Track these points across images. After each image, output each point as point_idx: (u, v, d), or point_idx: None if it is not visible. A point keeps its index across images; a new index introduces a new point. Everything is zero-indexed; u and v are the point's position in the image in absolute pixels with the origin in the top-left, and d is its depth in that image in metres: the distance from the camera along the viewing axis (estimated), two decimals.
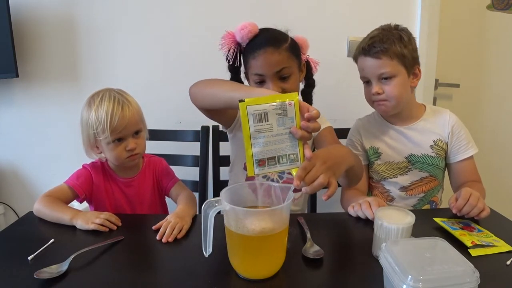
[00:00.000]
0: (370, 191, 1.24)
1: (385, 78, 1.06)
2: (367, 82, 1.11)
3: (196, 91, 0.98)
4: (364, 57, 1.08)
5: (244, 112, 0.69)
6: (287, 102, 0.70)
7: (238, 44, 1.05)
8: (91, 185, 1.06)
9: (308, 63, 1.15)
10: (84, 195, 1.04)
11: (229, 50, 1.04)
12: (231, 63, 1.06)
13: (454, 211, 0.91)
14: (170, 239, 0.83)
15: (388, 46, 1.04)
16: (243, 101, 0.70)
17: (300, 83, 1.16)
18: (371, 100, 1.13)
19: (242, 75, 1.14)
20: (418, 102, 1.19)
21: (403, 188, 1.17)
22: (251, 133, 0.70)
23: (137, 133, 1.03)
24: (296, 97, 0.71)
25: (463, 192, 0.91)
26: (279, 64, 1.00)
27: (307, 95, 1.17)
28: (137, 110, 1.04)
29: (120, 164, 1.05)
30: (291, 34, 1.08)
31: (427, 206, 1.18)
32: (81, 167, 1.08)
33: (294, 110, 0.71)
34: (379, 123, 1.21)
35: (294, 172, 0.71)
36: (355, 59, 1.14)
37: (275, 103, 0.70)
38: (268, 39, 1.01)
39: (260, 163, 0.71)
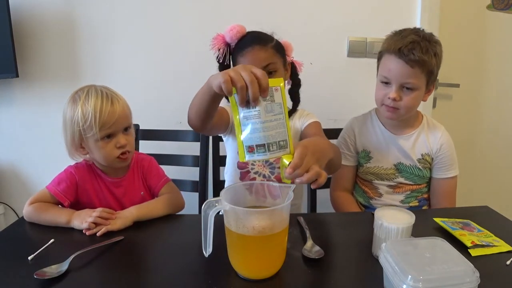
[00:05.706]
0: (359, 187, 1.25)
1: (407, 88, 1.04)
2: (386, 83, 1.07)
3: (190, 113, 0.95)
4: (396, 59, 1.02)
5: (233, 101, 0.70)
6: (273, 88, 0.70)
7: (227, 45, 1.11)
8: (75, 189, 0.98)
9: (293, 64, 1.20)
10: (68, 202, 0.96)
11: (219, 50, 1.10)
12: (221, 61, 1.12)
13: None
14: (87, 233, 0.86)
15: (426, 58, 0.99)
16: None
17: (287, 83, 1.20)
18: (381, 101, 1.09)
19: None
20: (418, 111, 1.17)
21: (391, 186, 1.18)
22: (240, 120, 0.70)
23: (126, 129, 0.96)
24: (281, 82, 0.72)
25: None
26: (266, 59, 1.05)
27: (294, 94, 1.21)
28: (126, 104, 0.98)
29: (109, 165, 0.98)
30: (277, 37, 1.13)
31: (415, 202, 1.19)
32: (65, 168, 1.01)
33: (280, 95, 0.71)
34: (375, 126, 1.20)
35: (284, 159, 0.70)
36: (382, 55, 1.09)
37: None
38: (255, 38, 1.08)
39: (250, 149, 0.70)
